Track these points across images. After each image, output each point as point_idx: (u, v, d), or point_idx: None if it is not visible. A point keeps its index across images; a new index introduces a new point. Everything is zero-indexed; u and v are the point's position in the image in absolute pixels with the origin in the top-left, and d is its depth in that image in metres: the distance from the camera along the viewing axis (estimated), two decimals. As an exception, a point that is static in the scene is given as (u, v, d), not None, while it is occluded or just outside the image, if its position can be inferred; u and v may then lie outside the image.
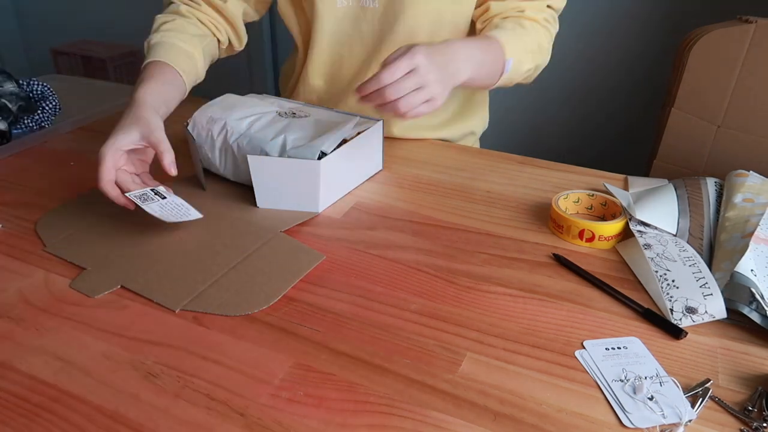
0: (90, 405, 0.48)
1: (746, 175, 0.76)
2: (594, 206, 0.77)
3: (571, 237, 0.70)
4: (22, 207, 0.77)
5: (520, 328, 0.58)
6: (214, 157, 0.80)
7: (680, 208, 0.75)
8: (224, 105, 0.83)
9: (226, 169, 0.80)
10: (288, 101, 0.90)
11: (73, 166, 0.88)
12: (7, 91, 0.92)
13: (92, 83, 1.23)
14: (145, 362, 0.53)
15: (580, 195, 0.77)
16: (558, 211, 0.71)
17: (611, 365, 0.53)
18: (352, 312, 0.59)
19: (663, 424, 0.47)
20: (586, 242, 0.70)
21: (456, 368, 0.53)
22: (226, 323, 0.57)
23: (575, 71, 2.01)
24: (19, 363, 0.52)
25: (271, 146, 0.74)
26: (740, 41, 0.97)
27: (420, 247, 0.70)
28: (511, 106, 2.14)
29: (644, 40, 1.88)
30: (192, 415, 0.48)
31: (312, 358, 0.54)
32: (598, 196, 0.76)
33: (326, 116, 0.83)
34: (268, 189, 0.75)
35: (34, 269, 0.65)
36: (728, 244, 0.65)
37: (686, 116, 1.06)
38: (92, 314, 0.58)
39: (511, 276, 0.65)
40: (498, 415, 0.48)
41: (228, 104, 0.84)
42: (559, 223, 0.71)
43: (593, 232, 0.69)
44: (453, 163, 0.91)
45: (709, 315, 0.58)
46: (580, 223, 0.69)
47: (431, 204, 0.79)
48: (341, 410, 0.48)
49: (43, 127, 0.98)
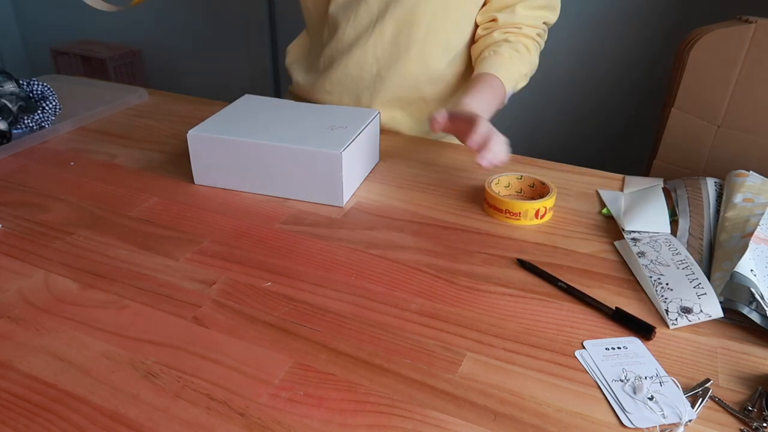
0: (90, 405, 0.48)
1: (746, 175, 0.76)
2: (523, 189, 0.82)
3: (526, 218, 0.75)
4: (22, 207, 0.77)
5: (520, 328, 0.58)
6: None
7: (680, 208, 0.75)
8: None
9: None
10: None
11: (73, 166, 0.88)
12: (7, 91, 0.92)
13: (92, 83, 1.23)
14: (145, 362, 0.53)
15: (509, 179, 0.82)
16: (491, 193, 0.76)
17: (611, 365, 0.53)
18: (352, 312, 0.59)
19: (663, 424, 0.47)
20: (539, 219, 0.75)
21: (456, 368, 0.53)
22: (226, 323, 0.57)
23: (575, 71, 2.02)
24: (19, 363, 0.52)
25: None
26: (740, 41, 0.97)
27: (420, 247, 0.70)
28: (511, 106, 2.14)
29: (644, 40, 1.88)
30: (192, 415, 0.48)
31: (312, 358, 0.54)
32: (526, 178, 0.82)
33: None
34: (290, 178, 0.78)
35: (34, 269, 0.65)
36: (728, 244, 0.65)
37: (686, 116, 1.06)
38: (92, 314, 0.58)
39: (511, 276, 0.65)
40: (498, 415, 0.48)
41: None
42: (495, 205, 0.76)
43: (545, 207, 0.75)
44: (453, 163, 0.91)
45: (705, 314, 0.58)
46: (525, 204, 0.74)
47: (431, 204, 0.79)
48: (341, 410, 0.48)
49: (43, 127, 0.98)
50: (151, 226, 0.73)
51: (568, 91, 2.06)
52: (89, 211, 0.76)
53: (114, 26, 2.67)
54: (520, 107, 2.13)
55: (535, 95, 2.10)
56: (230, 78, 2.45)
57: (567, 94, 2.06)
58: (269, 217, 0.76)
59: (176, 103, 1.12)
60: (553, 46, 1.99)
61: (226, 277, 0.64)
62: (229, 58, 2.22)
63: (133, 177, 0.85)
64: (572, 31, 1.95)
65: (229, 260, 0.67)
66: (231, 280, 0.63)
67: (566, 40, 1.96)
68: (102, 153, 0.93)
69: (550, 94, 2.08)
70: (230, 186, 0.81)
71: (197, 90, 0.91)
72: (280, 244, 0.70)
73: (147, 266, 0.66)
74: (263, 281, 0.63)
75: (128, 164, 0.89)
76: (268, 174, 0.78)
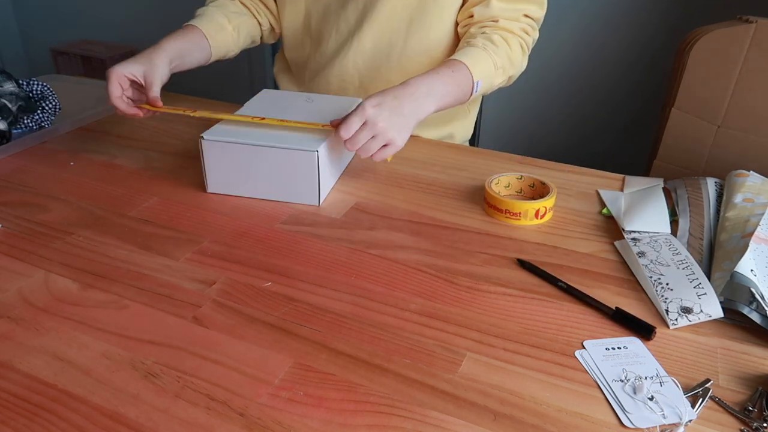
0: (90, 405, 0.48)
1: (746, 175, 0.76)
2: (523, 189, 0.82)
3: (526, 218, 0.75)
4: (22, 207, 0.77)
5: (520, 328, 0.58)
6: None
7: (680, 208, 0.75)
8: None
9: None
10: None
11: (73, 166, 0.88)
12: (7, 91, 0.92)
13: (92, 83, 1.23)
14: (145, 362, 0.53)
15: (509, 179, 0.82)
16: (491, 193, 0.76)
17: (611, 365, 0.53)
18: (352, 312, 0.59)
19: (663, 424, 0.47)
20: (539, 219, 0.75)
21: (456, 368, 0.53)
22: (226, 323, 0.57)
23: (575, 71, 2.02)
24: (19, 363, 0.52)
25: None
26: (740, 41, 0.97)
27: (420, 247, 0.70)
28: (511, 106, 2.14)
29: (644, 40, 1.88)
30: (192, 415, 0.48)
31: (312, 358, 0.54)
32: (526, 178, 0.81)
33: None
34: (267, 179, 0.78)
35: (34, 269, 0.65)
36: (728, 244, 0.65)
37: (686, 116, 1.06)
38: (92, 314, 0.58)
39: (511, 276, 0.65)
40: (498, 415, 0.48)
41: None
42: (496, 205, 0.76)
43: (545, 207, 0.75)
44: (453, 163, 0.91)
45: (705, 314, 0.58)
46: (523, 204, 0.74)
47: (431, 204, 0.79)
48: (341, 410, 0.48)
49: (43, 127, 0.98)
50: (151, 226, 0.73)
51: (568, 91, 2.06)
52: (89, 211, 0.76)
53: (114, 26, 2.67)
54: (520, 107, 2.13)
55: (536, 95, 2.10)
56: (230, 78, 2.44)
57: (567, 94, 2.06)
58: (269, 217, 0.76)
59: (176, 103, 1.12)
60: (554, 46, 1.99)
61: (226, 277, 0.64)
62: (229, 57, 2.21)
63: (133, 177, 0.85)
64: (573, 31, 1.95)
65: (229, 260, 0.67)
66: (231, 280, 0.63)
67: (567, 41, 1.96)
68: (102, 153, 0.93)
69: (550, 94, 2.08)
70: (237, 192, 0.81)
71: (197, 90, 0.91)
72: (280, 244, 0.70)
73: (147, 266, 0.66)
74: (263, 281, 0.63)
75: (128, 164, 0.89)
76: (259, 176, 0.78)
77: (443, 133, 1.06)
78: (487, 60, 0.86)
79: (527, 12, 0.92)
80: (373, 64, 0.98)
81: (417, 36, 0.95)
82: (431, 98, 0.80)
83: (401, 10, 0.92)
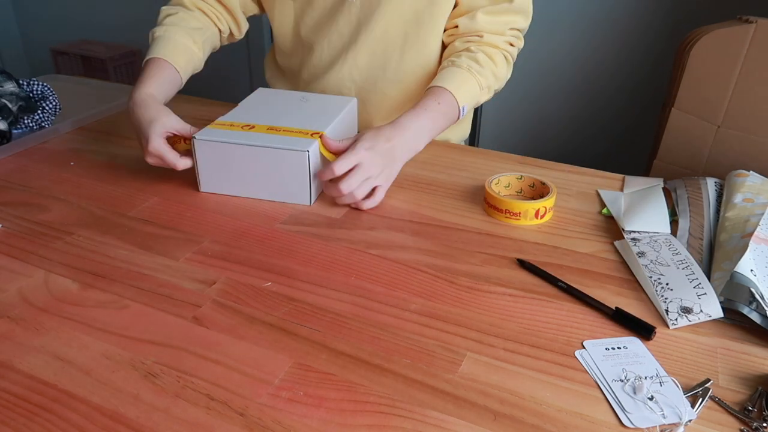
0: (90, 405, 0.48)
1: (746, 175, 0.76)
2: (523, 189, 0.81)
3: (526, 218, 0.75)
4: (22, 207, 0.77)
5: (520, 328, 0.58)
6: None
7: (680, 208, 0.75)
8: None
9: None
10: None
11: (73, 166, 0.88)
12: (7, 91, 0.92)
13: (92, 83, 1.23)
14: (145, 362, 0.53)
15: (509, 179, 0.82)
16: (491, 193, 0.76)
17: (611, 365, 0.53)
18: (352, 312, 0.59)
19: (663, 424, 0.47)
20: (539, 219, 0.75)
21: (456, 368, 0.53)
22: (226, 323, 0.57)
23: (575, 71, 2.02)
24: (19, 363, 0.52)
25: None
26: (740, 41, 0.97)
27: (420, 247, 0.70)
28: (512, 107, 2.14)
29: (644, 40, 1.88)
30: (192, 415, 0.48)
31: (312, 358, 0.54)
32: (526, 178, 0.81)
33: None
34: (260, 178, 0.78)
35: (34, 269, 0.65)
36: (728, 244, 0.65)
37: (686, 116, 1.06)
38: (92, 314, 0.58)
39: (511, 276, 0.65)
40: (498, 415, 0.48)
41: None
42: (496, 205, 0.75)
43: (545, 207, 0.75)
44: (453, 163, 0.91)
45: (705, 314, 0.58)
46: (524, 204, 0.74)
47: (431, 204, 0.79)
48: (341, 410, 0.48)
49: (43, 127, 0.98)
50: (151, 226, 0.73)
51: (568, 91, 2.06)
52: (89, 211, 0.76)
53: (114, 26, 2.67)
54: (520, 107, 2.13)
55: (536, 95, 2.10)
56: (230, 78, 2.44)
57: (567, 94, 2.06)
58: (269, 217, 0.76)
59: (175, 103, 1.12)
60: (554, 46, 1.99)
61: (226, 277, 0.64)
62: (229, 58, 2.22)
63: (133, 177, 0.85)
64: (573, 31, 1.95)
65: (229, 260, 0.67)
66: (231, 280, 0.63)
67: (567, 40, 1.96)
68: (102, 153, 0.93)
69: (550, 94, 2.08)
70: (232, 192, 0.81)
71: (197, 90, 0.91)
72: (280, 244, 0.70)
73: (147, 266, 0.66)
74: (263, 281, 0.63)
75: (128, 164, 0.89)
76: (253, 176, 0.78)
77: (439, 138, 1.06)
78: (472, 81, 0.87)
79: (513, 24, 0.92)
80: (369, 78, 0.98)
81: (413, 50, 0.94)
82: (421, 137, 0.82)
83: (396, 26, 0.92)
